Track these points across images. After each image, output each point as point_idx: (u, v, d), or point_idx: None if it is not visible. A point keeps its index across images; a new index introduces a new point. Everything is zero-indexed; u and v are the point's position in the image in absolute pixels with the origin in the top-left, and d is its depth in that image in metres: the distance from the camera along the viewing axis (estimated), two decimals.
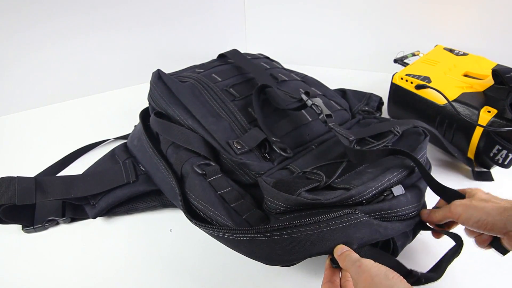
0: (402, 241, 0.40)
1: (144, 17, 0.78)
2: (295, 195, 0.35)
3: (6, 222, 0.47)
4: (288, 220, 0.35)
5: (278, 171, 0.43)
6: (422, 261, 0.43)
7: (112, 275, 0.44)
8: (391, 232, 0.37)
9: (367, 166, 0.41)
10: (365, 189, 0.36)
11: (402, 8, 0.78)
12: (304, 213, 0.36)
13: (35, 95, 0.75)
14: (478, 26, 0.74)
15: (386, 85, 0.65)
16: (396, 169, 0.40)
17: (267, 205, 0.39)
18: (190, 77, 0.55)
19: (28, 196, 0.46)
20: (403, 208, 0.38)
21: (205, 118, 0.47)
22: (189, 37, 0.86)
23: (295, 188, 0.36)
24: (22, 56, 0.70)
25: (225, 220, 0.39)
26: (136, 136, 0.56)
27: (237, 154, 0.44)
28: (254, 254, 0.37)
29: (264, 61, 0.64)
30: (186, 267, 0.45)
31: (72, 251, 0.47)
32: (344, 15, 0.83)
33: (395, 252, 0.40)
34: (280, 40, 0.92)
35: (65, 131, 0.70)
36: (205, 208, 0.41)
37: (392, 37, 0.81)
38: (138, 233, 0.49)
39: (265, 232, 0.34)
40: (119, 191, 0.50)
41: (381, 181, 0.37)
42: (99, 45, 0.76)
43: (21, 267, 0.45)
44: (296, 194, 0.35)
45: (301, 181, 0.37)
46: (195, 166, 0.43)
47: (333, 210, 0.35)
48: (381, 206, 0.36)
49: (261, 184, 0.39)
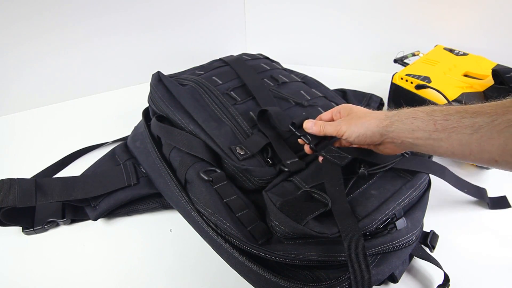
0: (401, 269, 0.41)
1: (143, 17, 0.78)
2: (302, 223, 0.36)
3: (7, 224, 0.46)
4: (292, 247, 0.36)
5: (281, 182, 0.43)
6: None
7: (113, 276, 0.44)
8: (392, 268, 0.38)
9: (371, 185, 0.41)
10: (370, 221, 0.36)
11: (402, 8, 0.78)
12: (310, 240, 0.36)
13: (35, 95, 0.75)
14: (478, 26, 0.74)
15: (386, 85, 0.65)
16: (399, 196, 0.40)
17: (273, 228, 0.39)
18: (190, 79, 0.54)
19: (29, 198, 0.46)
20: (403, 238, 0.38)
21: (206, 122, 0.46)
22: (189, 37, 0.86)
23: (302, 216, 0.36)
24: (22, 56, 0.70)
25: (233, 230, 0.39)
26: (138, 137, 0.56)
27: (239, 160, 0.43)
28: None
29: (264, 61, 0.64)
30: (186, 267, 0.45)
31: (72, 253, 0.47)
32: (344, 15, 0.83)
33: (394, 279, 0.40)
34: (280, 40, 0.92)
35: (64, 131, 0.69)
36: (212, 216, 0.41)
37: (392, 37, 0.81)
38: (138, 233, 0.50)
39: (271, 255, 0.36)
40: (120, 193, 0.50)
41: (385, 212, 0.38)
42: (99, 45, 0.76)
43: (21, 269, 0.45)
44: (303, 223, 0.36)
45: (308, 206, 0.37)
46: (201, 173, 0.43)
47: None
48: (384, 240, 0.37)
49: (267, 202, 0.39)
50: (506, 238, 0.48)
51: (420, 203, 0.43)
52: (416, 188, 0.42)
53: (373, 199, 0.39)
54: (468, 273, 0.44)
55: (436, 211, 0.50)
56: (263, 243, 0.39)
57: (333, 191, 0.37)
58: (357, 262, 0.31)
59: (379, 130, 0.35)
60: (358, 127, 0.37)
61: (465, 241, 0.48)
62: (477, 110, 0.29)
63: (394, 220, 0.38)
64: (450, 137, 0.30)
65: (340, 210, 0.35)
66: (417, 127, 0.32)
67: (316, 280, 0.35)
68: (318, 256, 0.35)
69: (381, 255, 0.38)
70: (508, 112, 0.27)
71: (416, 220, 0.41)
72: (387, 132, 0.35)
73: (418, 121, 0.32)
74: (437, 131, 0.31)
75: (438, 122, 0.31)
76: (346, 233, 0.33)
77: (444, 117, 0.31)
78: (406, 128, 0.33)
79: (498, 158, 0.28)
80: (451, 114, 0.31)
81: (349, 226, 0.33)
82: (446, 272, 0.41)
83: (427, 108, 0.33)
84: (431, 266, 0.43)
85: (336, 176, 0.38)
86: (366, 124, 0.37)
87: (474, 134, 0.28)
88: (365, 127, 0.37)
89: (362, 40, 0.85)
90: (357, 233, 0.33)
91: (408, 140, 0.34)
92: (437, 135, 0.31)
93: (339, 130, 0.39)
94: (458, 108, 0.31)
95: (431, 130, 0.31)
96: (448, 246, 0.46)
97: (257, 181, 0.43)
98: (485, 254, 0.46)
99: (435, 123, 0.31)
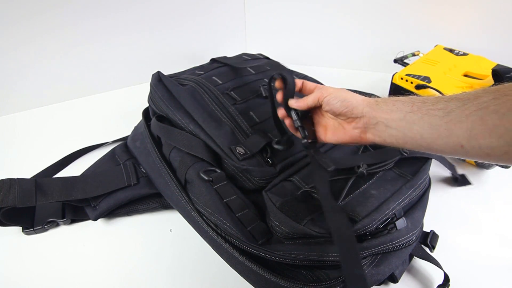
0: (401, 269, 0.41)
1: (143, 18, 0.78)
2: (302, 224, 0.36)
3: (7, 224, 0.46)
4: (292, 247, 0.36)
5: (281, 182, 0.43)
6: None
7: (113, 276, 0.44)
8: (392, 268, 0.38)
9: (371, 184, 0.41)
10: (370, 221, 0.36)
11: (402, 8, 0.78)
12: (310, 240, 0.36)
13: (35, 95, 0.75)
14: (478, 26, 0.74)
15: (386, 85, 0.66)
16: (399, 196, 0.40)
17: (273, 228, 0.39)
18: (190, 79, 0.54)
19: (29, 198, 0.46)
20: (403, 238, 0.38)
21: (206, 122, 0.46)
22: (189, 37, 0.86)
23: (302, 216, 0.36)
24: (22, 56, 0.70)
25: (233, 230, 0.39)
26: (138, 137, 0.56)
27: (239, 160, 0.43)
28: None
29: (264, 61, 0.64)
30: (186, 267, 0.45)
31: (72, 253, 0.47)
32: (344, 15, 0.83)
33: (394, 280, 0.40)
34: (280, 40, 0.92)
35: (64, 131, 0.69)
36: (212, 216, 0.41)
37: (392, 37, 0.81)
38: (138, 233, 0.50)
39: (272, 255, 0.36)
40: (121, 193, 0.50)
41: (385, 212, 0.38)
42: (100, 45, 0.76)
43: (21, 269, 0.45)
44: (303, 223, 0.36)
45: (308, 206, 0.37)
46: (201, 173, 0.43)
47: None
48: (384, 240, 0.37)
49: (267, 202, 0.40)
50: (506, 238, 0.48)
51: (420, 203, 0.43)
52: (416, 188, 0.42)
53: (373, 199, 0.39)
54: (468, 273, 0.44)
55: (436, 211, 0.50)
56: (263, 243, 0.39)
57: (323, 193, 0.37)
58: (350, 259, 0.31)
59: (364, 103, 0.36)
60: (345, 93, 0.38)
61: (465, 241, 0.48)
62: (452, 96, 0.30)
63: (394, 220, 0.38)
64: (422, 118, 0.31)
65: (331, 208, 0.35)
66: (396, 107, 0.34)
67: (316, 280, 0.35)
68: (318, 256, 0.35)
69: (381, 255, 0.38)
70: (479, 97, 0.27)
71: (416, 220, 0.41)
72: (370, 107, 0.35)
73: (399, 103, 0.34)
74: (412, 112, 0.32)
75: (415, 104, 0.32)
76: (337, 231, 0.33)
77: (422, 100, 0.32)
78: (387, 108, 0.34)
79: (464, 143, 0.28)
80: (429, 99, 0.32)
81: (340, 224, 0.33)
82: (446, 272, 0.41)
83: (412, 96, 0.34)
84: (431, 266, 0.43)
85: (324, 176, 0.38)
86: (352, 94, 0.37)
87: (445, 117, 0.29)
88: (351, 95, 0.37)
89: (362, 40, 0.85)
90: (348, 231, 0.33)
91: (383, 121, 0.34)
92: (411, 117, 0.32)
93: (320, 96, 0.39)
94: (438, 96, 0.32)
95: (407, 111, 0.32)
96: (448, 246, 0.46)
97: (257, 181, 0.43)
98: (485, 254, 0.46)
99: (413, 104, 0.32)
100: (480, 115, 0.26)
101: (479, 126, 0.26)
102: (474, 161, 0.57)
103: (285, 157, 0.45)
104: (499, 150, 0.26)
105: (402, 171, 0.44)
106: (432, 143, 0.31)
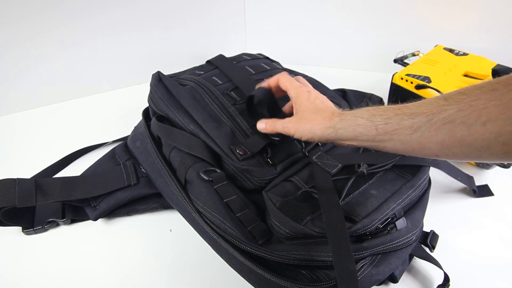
0: (401, 269, 0.41)
1: (143, 17, 0.78)
2: (302, 223, 0.36)
3: (7, 224, 0.46)
4: (292, 247, 0.36)
5: (281, 183, 0.43)
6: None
7: (113, 276, 0.44)
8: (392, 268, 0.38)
9: (371, 184, 0.41)
10: (370, 221, 0.36)
11: (402, 8, 0.78)
12: (310, 240, 0.36)
13: (35, 95, 0.75)
14: (478, 26, 0.74)
15: (386, 85, 0.65)
16: (399, 196, 0.40)
17: (273, 228, 0.39)
18: (190, 79, 0.54)
19: (29, 198, 0.46)
20: (403, 238, 0.38)
21: (206, 122, 0.46)
22: (189, 37, 0.86)
23: (302, 216, 0.36)
24: (22, 56, 0.69)
25: (233, 230, 0.39)
26: (138, 137, 0.56)
27: (239, 160, 0.43)
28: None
29: (264, 61, 0.63)
30: (186, 267, 0.45)
31: (72, 253, 0.47)
32: (344, 15, 0.83)
33: (394, 280, 0.41)
34: (280, 40, 0.92)
35: (64, 131, 0.69)
36: (212, 217, 0.41)
37: (392, 37, 0.81)
38: (138, 233, 0.50)
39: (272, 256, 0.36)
40: (121, 193, 0.50)
41: (385, 212, 0.38)
42: (99, 45, 0.76)
43: (21, 269, 0.45)
44: (303, 223, 0.36)
45: (308, 206, 0.37)
46: (201, 172, 0.43)
47: None
48: (384, 240, 0.37)
49: (267, 202, 0.40)
50: (506, 238, 0.48)
51: (420, 203, 0.43)
52: (416, 188, 0.42)
53: (373, 199, 0.39)
54: (468, 273, 0.44)
55: (436, 211, 0.50)
56: (263, 243, 0.39)
57: (323, 189, 0.38)
58: (341, 254, 0.31)
59: (324, 136, 0.37)
60: (306, 132, 0.39)
61: (465, 241, 0.48)
62: (414, 111, 0.31)
63: (394, 220, 0.38)
64: (392, 138, 0.32)
65: (327, 202, 0.36)
66: (360, 133, 0.34)
67: (316, 280, 0.35)
68: (318, 256, 0.35)
69: (381, 255, 0.38)
70: (443, 111, 0.28)
71: (416, 220, 0.41)
72: (332, 138, 0.37)
73: (361, 128, 0.34)
74: (379, 135, 0.33)
75: (379, 127, 0.32)
76: (330, 225, 0.33)
77: (384, 121, 0.32)
78: (350, 135, 0.35)
79: (438, 153, 0.29)
80: (391, 117, 0.32)
81: (333, 218, 0.34)
82: (446, 272, 0.41)
83: (368, 112, 0.34)
84: (431, 266, 0.43)
85: (327, 178, 0.39)
86: (313, 130, 0.38)
87: (413, 134, 0.30)
88: (312, 133, 0.38)
89: (362, 40, 0.85)
90: (341, 225, 0.33)
91: (353, 144, 0.36)
92: (380, 138, 0.33)
93: (288, 132, 0.41)
94: (396, 110, 0.32)
95: (373, 135, 0.33)
96: (448, 246, 0.46)
97: (257, 181, 0.43)
98: (485, 254, 0.46)
99: (377, 128, 0.33)
100: (448, 128, 0.27)
101: (449, 138, 0.28)
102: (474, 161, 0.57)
103: (285, 157, 0.45)
104: (472, 155, 0.28)
105: (402, 171, 0.44)
106: (408, 154, 0.32)
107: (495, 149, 0.25)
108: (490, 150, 0.26)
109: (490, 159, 0.27)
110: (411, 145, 0.31)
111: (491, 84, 0.26)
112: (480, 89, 0.27)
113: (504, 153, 0.25)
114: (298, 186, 0.42)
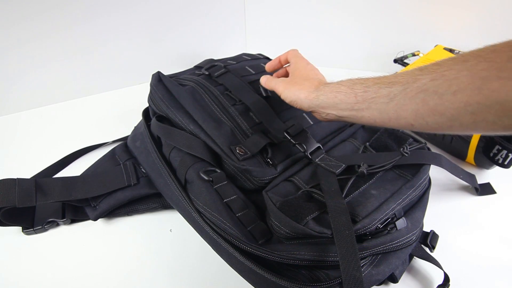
0: (401, 269, 0.41)
1: (143, 17, 0.78)
2: (302, 223, 0.35)
3: (7, 224, 0.46)
4: (292, 247, 0.36)
5: (282, 183, 0.43)
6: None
7: (113, 276, 0.44)
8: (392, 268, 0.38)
9: (371, 185, 0.41)
10: (370, 221, 0.36)
11: (402, 8, 0.78)
12: (310, 240, 0.36)
13: (35, 95, 0.75)
14: (478, 26, 0.74)
15: None
16: (399, 196, 0.40)
17: (273, 228, 0.39)
18: (190, 80, 0.54)
19: (29, 198, 0.46)
20: (403, 238, 0.38)
21: (206, 123, 0.46)
22: (189, 37, 0.86)
23: (302, 216, 0.36)
24: (22, 56, 0.70)
25: (233, 230, 0.39)
26: (138, 137, 0.56)
27: (239, 160, 0.43)
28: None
29: (264, 61, 0.63)
30: (186, 267, 0.45)
31: (72, 252, 0.47)
32: (344, 15, 0.83)
33: (394, 280, 0.40)
34: (280, 40, 0.92)
35: (64, 131, 0.69)
36: (212, 217, 0.41)
37: (392, 37, 0.81)
38: (138, 233, 0.50)
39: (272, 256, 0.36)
40: (121, 193, 0.50)
41: (385, 212, 0.37)
42: (100, 45, 0.76)
43: (21, 269, 0.45)
44: (303, 223, 0.36)
45: (308, 206, 0.37)
46: (201, 172, 0.43)
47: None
48: (384, 240, 0.37)
49: (267, 202, 0.39)
50: (506, 238, 0.48)
51: (420, 203, 0.43)
52: (416, 188, 0.42)
53: (373, 199, 0.39)
54: (468, 273, 0.44)
55: (436, 210, 0.50)
56: (263, 243, 0.39)
57: (329, 191, 0.38)
58: (349, 261, 0.31)
59: (307, 101, 0.39)
60: (291, 94, 0.41)
61: (465, 241, 0.48)
62: (392, 80, 0.32)
63: (394, 220, 0.38)
64: (370, 107, 0.33)
65: (335, 207, 0.35)
66: (340, 100, 0.35)
67: (316, 280, 0.35)
68: (318, 256, 0.35)
69: (381, 255, 0.38)
70: (417, 80, 0.29)
71: (416, 220, 0.41)
72: (314, 104, 0.38)
73: (341, 94, 0.35)
74: (358, 103, 0.34)
75: (358, 95, 0.34)
76: (338, 231, 0.33)
77: (363, 89, 0.34)
78: (331, 102, 0.36)
79: (413, 122, 0.30)
80: (370, 86, 0.33)
81: (342, 224, 0.34)
82: (446, 272, 0.41)
83: (350, 81, 0.36)
84: (431, 266, 0.43)
85: (332, 180, 0.39)
86: (297, 93, 0.40)
87: (390, 102, 0.31)
88: (296, 96, 0.40)
89: (362, 40, 0.85)
90: (349, 232, 0.33)
91: (333, 112, 0.37)
92: (359, 106, 0.34)
93: (277, 90, 0.44)
94: (375, 79, 0.33)
95: (353, 102, 0.34)
96: (448, 246, 0.46)
97: (257, 181, 0.43)
98: (485, 254, 0.46)
99: (356, 95, 0.34)
100: (421, 97, 0.29)
101: (423, 107, 0.29)
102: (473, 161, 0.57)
103: (285, 157, 0.45)
104: (444, 125, 0.28)
105: (402, 171, 0.44)
106: (385, 124, 0.33)
107: (465, 118, 0.26)
108: (460, 119, 0.27)
109: (460, 130, 0.28)
110: (387, 114, 0.32)
111: (463, 56, 0.27)
112: (453, 60, 0.28)
113: (473, 123, 0.26)
114: (298, 186, 0.42)
